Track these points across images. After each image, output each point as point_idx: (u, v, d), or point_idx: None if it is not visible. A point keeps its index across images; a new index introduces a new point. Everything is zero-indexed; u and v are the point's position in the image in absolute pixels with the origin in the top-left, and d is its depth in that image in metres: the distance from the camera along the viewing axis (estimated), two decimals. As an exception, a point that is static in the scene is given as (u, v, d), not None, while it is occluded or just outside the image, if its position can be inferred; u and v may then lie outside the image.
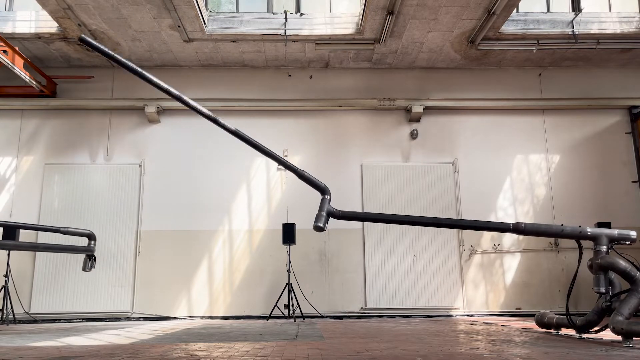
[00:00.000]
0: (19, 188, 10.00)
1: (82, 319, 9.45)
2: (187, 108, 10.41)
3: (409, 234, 9.97)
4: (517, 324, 7.33)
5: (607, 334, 5.21)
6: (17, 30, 9.25)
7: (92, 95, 10.45)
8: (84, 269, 8.68)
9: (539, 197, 10.30)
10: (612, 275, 4.89)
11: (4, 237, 8.75)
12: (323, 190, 5.03)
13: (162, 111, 10.39)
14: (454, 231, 10.03)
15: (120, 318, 9.51)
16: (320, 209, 4.88)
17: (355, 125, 10.52)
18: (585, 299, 9.77)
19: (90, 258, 8.76)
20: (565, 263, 10.02)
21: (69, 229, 8.58)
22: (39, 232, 9.72)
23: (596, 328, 4.97)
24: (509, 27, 9.56)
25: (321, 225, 4.74)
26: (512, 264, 9.98)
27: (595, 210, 10.25)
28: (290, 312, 8.90)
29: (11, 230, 8.78)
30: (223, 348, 4.35)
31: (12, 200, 9.93)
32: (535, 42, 9.70)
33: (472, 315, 9.64)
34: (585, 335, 5.08)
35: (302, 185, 10.12)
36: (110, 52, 4.49)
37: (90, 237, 8.93)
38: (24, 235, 9.62)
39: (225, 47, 9.80)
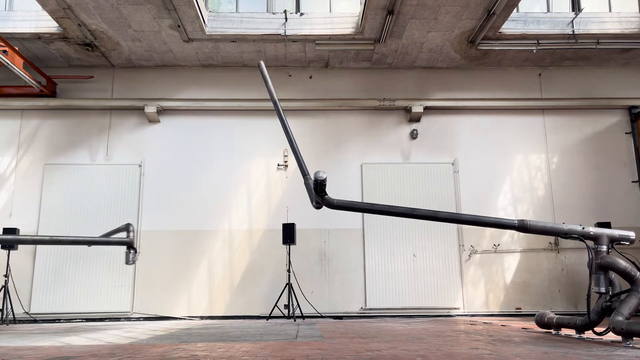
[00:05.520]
0: (19, 188, 9.99)
1: (82, 319, 9.45)
2: (187, 108, 10.45)
3: (409, 234, 9.97)
4: (517, 324, 7.32)
5: (607, 334, 5.21)
6: (17, 30, 9.25)
7: (92, 95, 10.45)
8: (127, 263, 7.50)
9: (539, 197, 10.30)
10: (612, 275, 4.89)
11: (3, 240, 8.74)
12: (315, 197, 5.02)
13: (162, 111, 10.39)
14: (454, 231, 10.03)
15: (120, 318, 9.50)
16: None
17: (355, 125, 10.52)
18: (585, 299, 9.76)
19: (130, 250, 7.56)
20: (565, 263, 10.02)
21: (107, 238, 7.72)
22: (39, 233, 9.72)
23: (600, 330, 4.96)
24: (509, 27, 9.56)
25: (323, 173, 4.69)
26: (512, 264, 9.97)
27: (595, 210, 10.25)
28: (290, 312, 8.90)
29: (10, 231, 8.80)
30: (223, 348, 4.35)
31: (12, 200, 9.93)
32: (535, 42, 9.70)
33: (472, 315, 9.64)
34: (585, 335, 5.08)
35: (302, 185, 10.12)
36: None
37: (128, 228, 7.67)
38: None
39: (225, 47, 9.80)
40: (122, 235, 8.08)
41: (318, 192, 4.86)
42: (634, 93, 10.74)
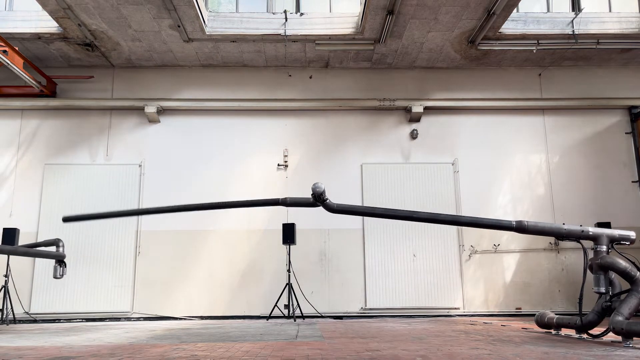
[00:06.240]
0: (19, 188, 9.99)
1: (82, 319, 9.45)
2: (187, 108, 10.46)
3: (409, 234, 9.97)
4: (517, 324, 7.32)
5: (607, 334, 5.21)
6: (17, 30, 9.25)
7: (92, 95, 10.45)
8: (55, 277, 7.88)
9: (538, 197, 10.30)
10: (612, 275, 4.89)
11: (3, 238, 8.76)
12: (313, 202, 5.00)
13: (162, 111, 10.39)
14: (453, 231, 10.03)
15: (120, 318, 9.50)
16: None
17: (355, 125, 10.52)
18: (585, 299, 9.75)
19: (60, 264, 7.98)
20: (565, 263, 10.02)
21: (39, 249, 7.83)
22: (39, 233, 9.72)
23: (599, 332, 4.96)
24: (509, 27, 9.56)
25: (321, 185, 4.69)
26: (511, 264, 9.98)
27: (595, 210, 10.25)
28: (290, 312, 8.90)
29: (10, 231, 8.80)
30: (223, 348, 4.35)
31: (12, 200, 9.93)
32: (535, 42, 9.70)
33: (472, 315, 9.64)
34: (585, 336, 5.08)
35: (302, 185, 10.12)
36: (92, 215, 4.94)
37: (57, 243, 8.09)
38: (25, 236, 9.63)
39: (225, 47, 9.80)
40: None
41: (318, 200, 4.89)
42: (634, 93, 10.74)
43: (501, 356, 3.64)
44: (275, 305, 9.12)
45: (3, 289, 8.66)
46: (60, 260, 7.96)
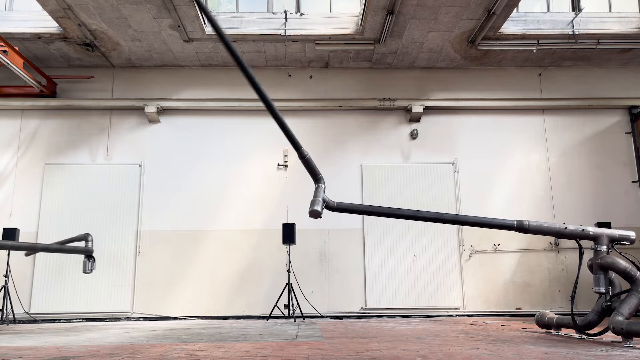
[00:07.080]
0: (19, 188, 9.99)
1: (82, 319, 9.45)
2: (187, 108, 10.45)
3: (409, 234, 9.97)
4: (517, 324, 7.32)
5: (607, 334, 5.21)
6: (17, 30, 9.25)
7: (92, 95, 10.45)
8: (84, 271, 8.12)
9: (538, 197, 10.30)
10: (612, 275, 4.89)
11: (3, 238, 8.76)
12: (318, 179, 4.82)
13: (162, 111, 10.39)
14: (454, 231, 10.03)
15: (120, 318, 9.50)
16: (315, 195, 4.63)
17: (355, 125, 10.52)
18: (585, 299, 9.76)
19: (89, 259, 8.28)
20: (565, 263, 10.02)
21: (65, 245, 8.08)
22: (39, 233, 9.72)
23: (597, 330, 4.97)
24: (509, 27, 9.56)
25: (318, 209, 4.40)
26: (512, 264, 9.98)
27: (595, 210, 10.25)
28: (290, 312, 8.90)
29: (10, 231, 8.79)
30: (223, 348, 4.35)
31: (12, 201, 9.93)
32: (535, 42, 9.70)
33: (472, 315, 9.64)
34: (585, 336, 5.08)
35: (302, 185, 10.12)
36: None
37: (86, 238, 8.26)
38: (24, 236, 9.64)
39: (225, 47, 9.78)
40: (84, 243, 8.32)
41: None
42: (634, 93, 10.74)
43: (501, 356, 3.64)
44: (275, 305, 9.12)
45: (3, 289, 8.66)
46: (89, 255, 8.02)
